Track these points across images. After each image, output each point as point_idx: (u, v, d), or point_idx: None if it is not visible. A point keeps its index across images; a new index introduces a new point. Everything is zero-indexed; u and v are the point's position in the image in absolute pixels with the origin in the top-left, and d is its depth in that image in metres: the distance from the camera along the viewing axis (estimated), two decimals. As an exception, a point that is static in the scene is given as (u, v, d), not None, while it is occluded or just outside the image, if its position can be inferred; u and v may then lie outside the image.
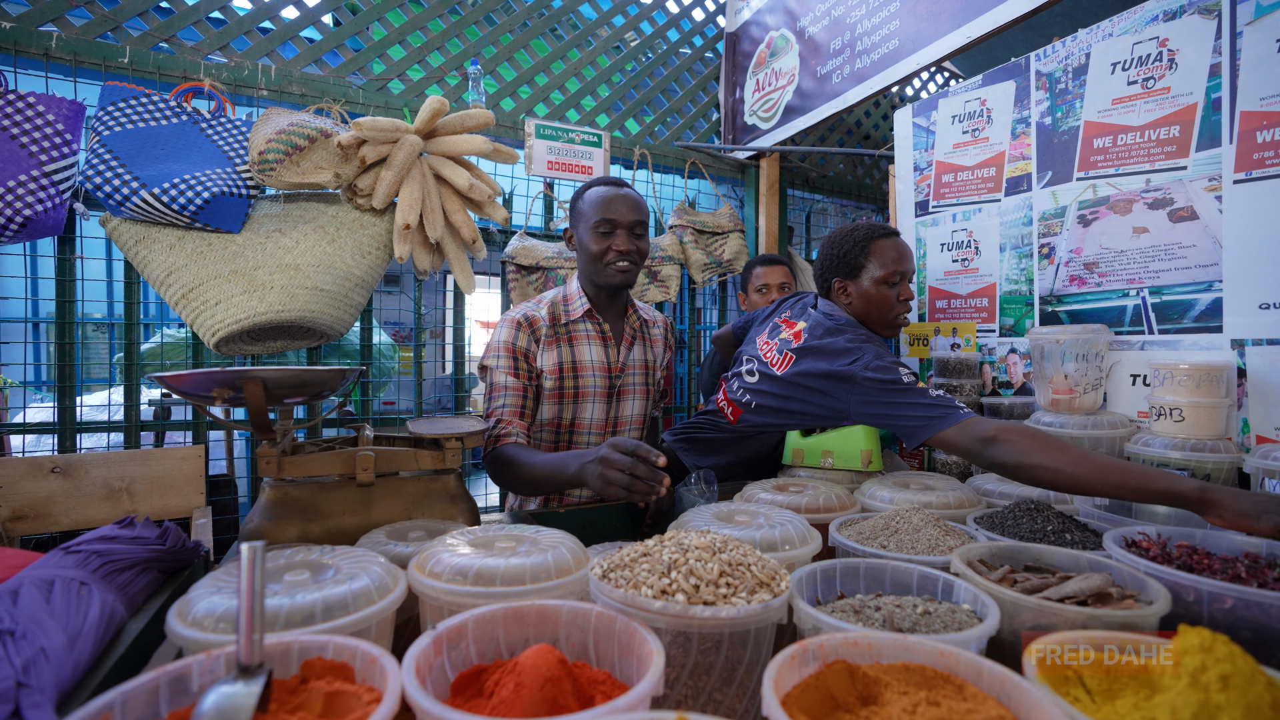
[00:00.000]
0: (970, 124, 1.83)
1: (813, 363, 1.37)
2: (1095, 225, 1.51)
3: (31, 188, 1.76)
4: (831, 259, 1.54)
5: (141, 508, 1.99)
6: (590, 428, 1.47)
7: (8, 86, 1.80)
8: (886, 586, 0.84)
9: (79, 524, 1.89)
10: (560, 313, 1.47)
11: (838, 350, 1.34)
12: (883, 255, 1.47)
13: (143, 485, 1.99)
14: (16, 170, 1.75)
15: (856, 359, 1.30)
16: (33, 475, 1.87)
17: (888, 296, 1.47)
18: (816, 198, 3.46)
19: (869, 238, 1.50)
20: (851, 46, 2.28)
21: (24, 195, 1.75)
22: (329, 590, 0.67)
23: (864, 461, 1.37)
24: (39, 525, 1.86)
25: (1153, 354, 1.40)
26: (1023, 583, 0.79)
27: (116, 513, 1.96)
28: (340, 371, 1.00)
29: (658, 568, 0.69)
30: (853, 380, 1.29)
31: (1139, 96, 1.41)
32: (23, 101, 1.79)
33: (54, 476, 1.89)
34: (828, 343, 1.37)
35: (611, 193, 1.41)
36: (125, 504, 1.97)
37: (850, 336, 1.38)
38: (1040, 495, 1.20)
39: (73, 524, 1.88)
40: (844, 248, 1.52)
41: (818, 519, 1.09)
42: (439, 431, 1.11)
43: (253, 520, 1.02)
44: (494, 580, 0.74)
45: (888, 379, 1.26)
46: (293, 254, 1.98)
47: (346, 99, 2.24)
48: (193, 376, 0.89)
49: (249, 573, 0.51)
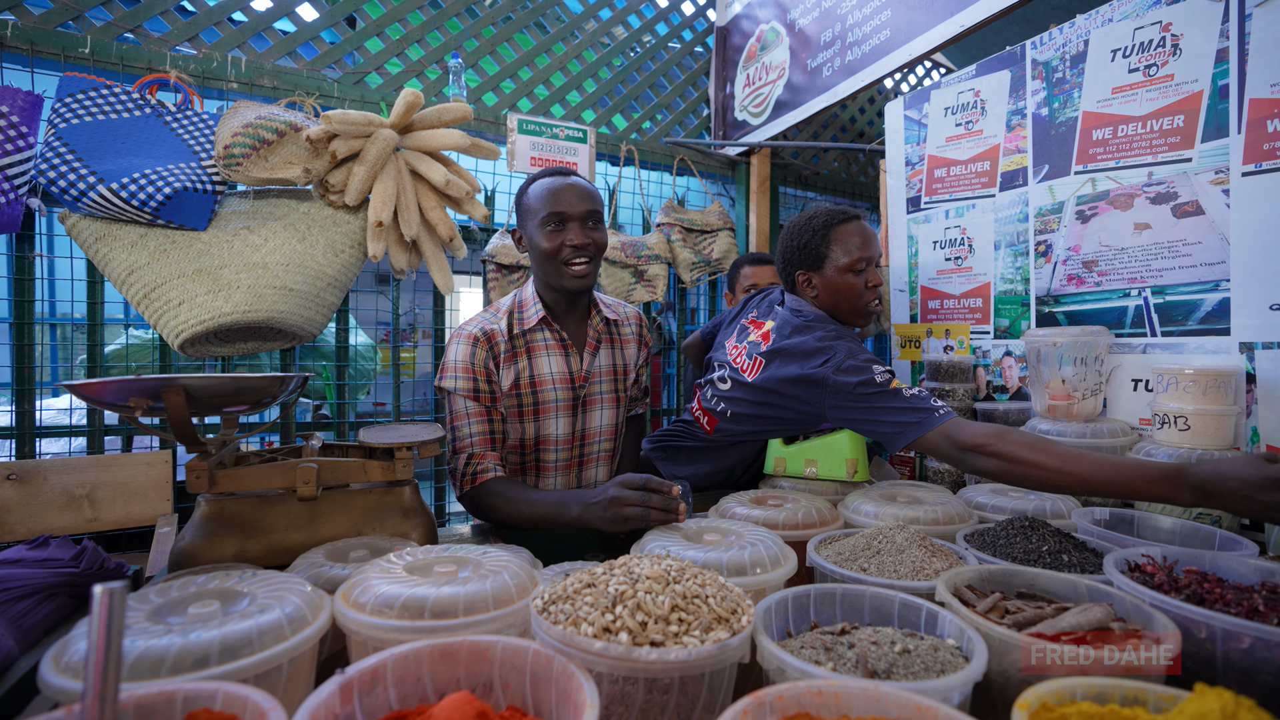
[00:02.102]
0: (963, 116, 1.75)
1: (782, 366, 1.29)
2: (1094, 221, 1.44)
3: (-16, 183, 1.68)
4: (792, 251, 1.43)
5: (104, 516, 1.92)
6: (557, 444, 1.36)
7: (-41, 77, 1.72)
8: (865, 615, 0.77)
9: (36, 533, 1.81)
10: (515, 321, 1.34)
11: (807, 351, 1.26)
12: (845, 242, 1.37)
13: (105, 492, 1.92)
14: (-33, 164, 1.67)
15: (827, 359, 1.23)
16: (-13, 482, 1.79)
17: (855, 285, 1.37)
18: (809, 195, 3.39)
19: (829, 224, 1.39)
20: (842, 38, 2.20)
21: (-25, 191, 1.67)
22: (230, 627, 0.60)
23: (849, 471, 1.30)
24: (-6, 535, 1.78)
25: (1155, 357, 1.33)
26: (1015, 614, 0.72)
27: (77, 521, 1.89)
28: (278, 378, 0.93)
29: (601, 601, 0.61)
30: (824, 384, 1.22)
31: (1141, 85, 1.33)
32: (-26, 92, 1.71)
33: (9, 483, 1.81)
34: (796, 343, 1.29)
35: (558, 183, 1.27)
36: (86, 512, 1.89)
37: (820, 334, 1.30)
38: (1035, 510, 1.12)
39: (29, 533, 1.80)
40: (804, 238, 1.41)
41: (795, 536, 1.01)
42: (390, 440, 1.03)
43: (184, 538, 0.95)
44: (422, 613, 0.66)
45: (859, 380, 1.18)
46: (261, 252, 1.91)
47: (321, 92, 2.17)
48: (108, 385, 0.81)
49: (102, 622, 0.44)
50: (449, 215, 2.16)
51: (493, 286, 2.38)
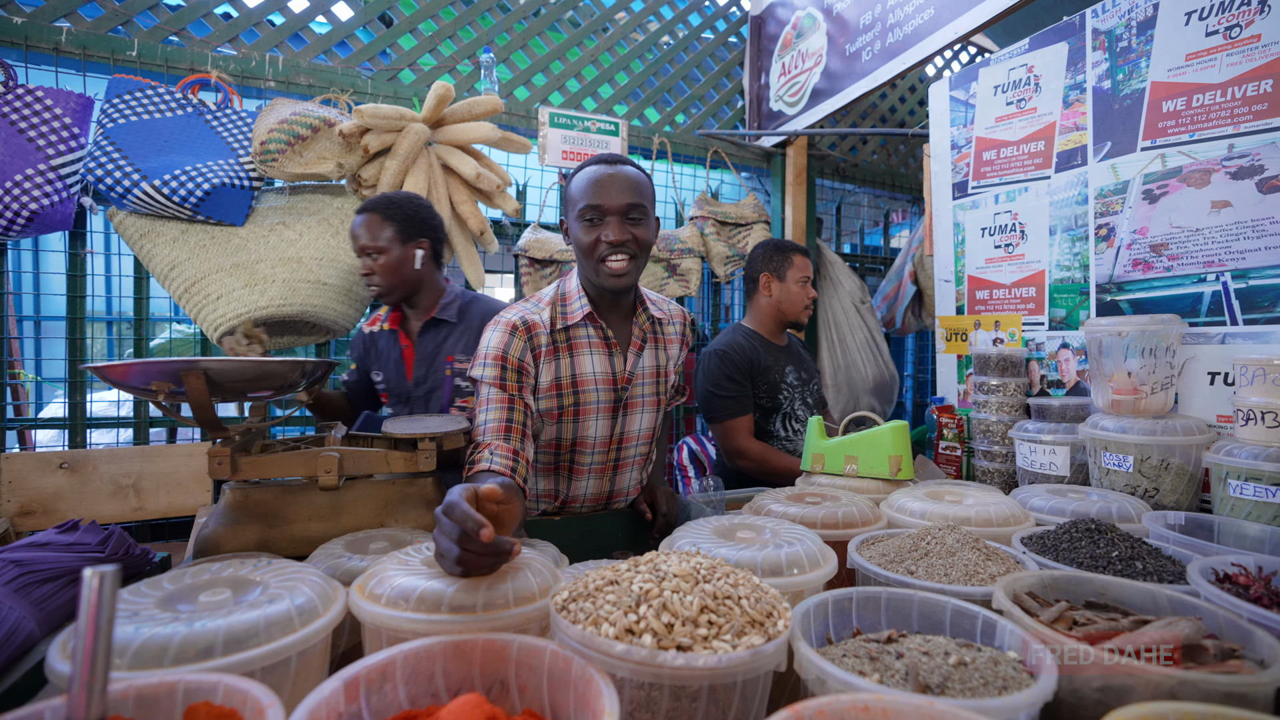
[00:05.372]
0: (1015, 94, 1.64)
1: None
2: (1164, 201, 1.32)
3: (38, 181, 1.74)
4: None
5: (148, 505, 1.97)
6: (594, 446, 1.29)
7: (17, 81, 1.79)
8: (913, 622, 0.70)
9: (87, 520, 1.88)
10: (558, 315, 1.24)
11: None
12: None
13: (149, 482, 1.97)
14: (23, 164, 1.74)
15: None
16: (41, 470, 1.86)
17: None
18: (847, 187, 3.27)
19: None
20: (882, 20, 2.11)
21: (30, 190, 1.73)
22: (237, 617, 0.57)
23: (892, 469, 1.22)
24: (46, 521, 1.85)
25: (1236, 348, 1.21)
26: (1085, 625, 0.64)
27: (123, 510, 1.95)
28: (299, 363, 0.92)
29: (624, 600, 0.57)
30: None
31: (1220, 49, 1.21)
32: (30, 95, 1.78)
33: (62, 472, 1.88)
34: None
35: (600, 172, 1.15)
36: (131, 501, 1.95)
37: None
38: (1100, 512, 1.03)
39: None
40: None
41: (835, 535, 0.95)
42: (413, 431, 1.01)
43: (208, 525, 0.94)
44: (439, 606, 0.63)
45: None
46: (295, 247, 1.93)
47: (355, 89, 2.19)
48: (133, 368, 0.81)
49: (92, 609, 0.41)
50: (480, 209, 2.15)
51: (525, 282, 2.37)
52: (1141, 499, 1.16)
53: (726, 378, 1.77)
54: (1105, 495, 1.11)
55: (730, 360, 1.80)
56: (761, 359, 1.85)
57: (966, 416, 1.62)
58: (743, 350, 1.84)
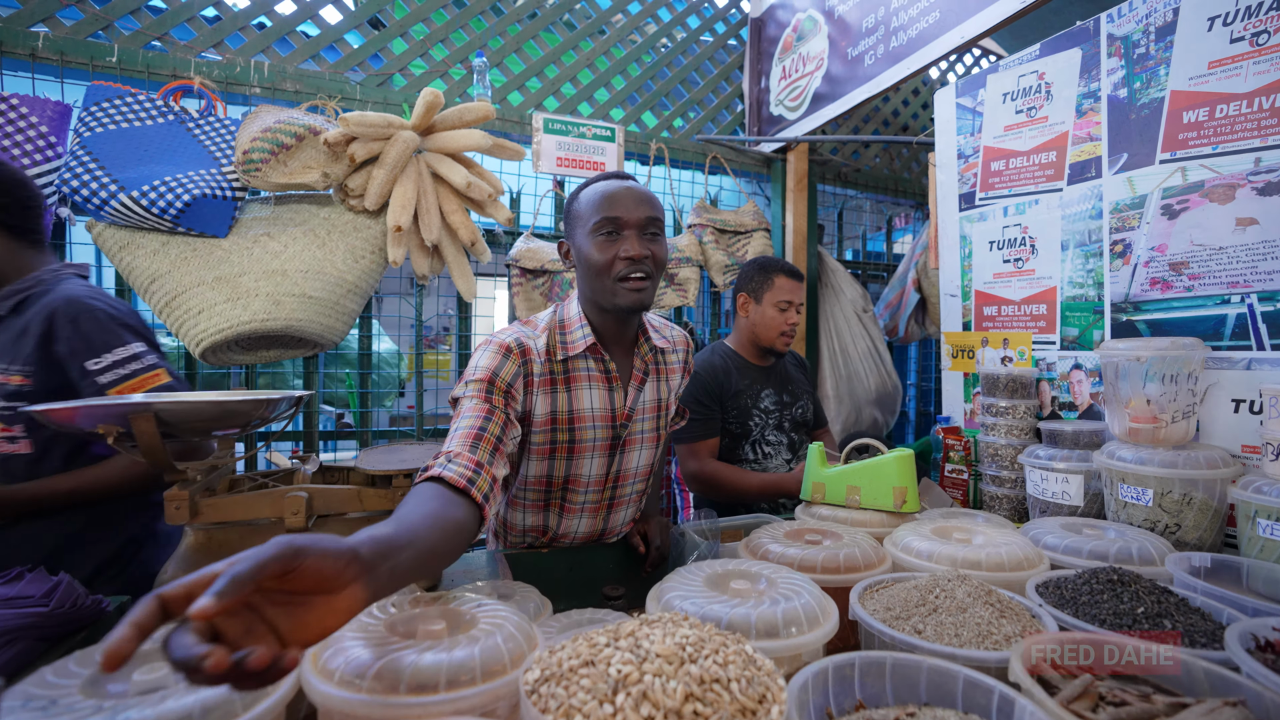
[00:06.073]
0: (1025, 101, 1.58)
1: None
2: (1185, 217, 1.26)
3: (13, 193, 1.68)
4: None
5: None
6: (589, 485, 1.21)
7: (-9, 88, 1.73)
8: (921, 692, 0.64)
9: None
10: (556, 344, 1.14)
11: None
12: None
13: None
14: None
15: None
16: (18, 490, 1.80)
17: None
18: (849, 193, 3.21)
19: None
20: (886, 23, 2.04)
21: (4, 200, 1.67)
22: (165, 706, 0.51)
23: (897, 501, 1.16)
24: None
25: (1264, 374, 1.14)
26: (1114, 705, 0.58)
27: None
28: (264, 401, 0.85)
29: (600, 687, 0.51)
30: None
31: (1246, 56, 1.15)
32: (5, 104, 1.72)
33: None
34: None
35: (614, 186, 1.10)
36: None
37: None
38: (1120, 553, 0.96)
39: (55, 542, 1.80)
40: None
41: (836, 581, 0.88)
42: (388, 467, 0.95)
43: (167, 571, 0.88)
44: (397, 685, 0.57)
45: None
46: (280, 259, 1.87)
47: (344, 95, 2.13)
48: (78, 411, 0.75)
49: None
50: (471, 219, 2.09)
51: (516, 292, 2.31)
52: (1162, 535, 1.10)
53: (694, 399, 1.71)
54: (1124, 533, 1.05)
55: (700, 382, 1.75)
56: (734, 383, 1.80)
57: (974, 438, 1.56)
58: (714, 373, 1.79)
